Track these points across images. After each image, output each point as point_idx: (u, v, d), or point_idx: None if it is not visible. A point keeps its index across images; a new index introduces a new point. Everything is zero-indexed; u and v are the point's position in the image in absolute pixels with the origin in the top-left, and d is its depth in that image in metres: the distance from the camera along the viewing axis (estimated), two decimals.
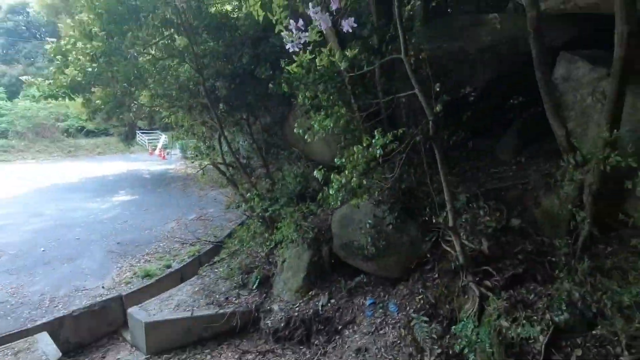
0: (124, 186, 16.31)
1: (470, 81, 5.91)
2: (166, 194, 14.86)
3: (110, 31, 6.84)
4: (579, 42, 5.70)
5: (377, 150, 3.69)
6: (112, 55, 6.88)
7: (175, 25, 7.73)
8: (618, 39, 3.18)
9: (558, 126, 3.88)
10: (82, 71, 6.86)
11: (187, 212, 12.02)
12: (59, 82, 7.24)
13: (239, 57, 8.59)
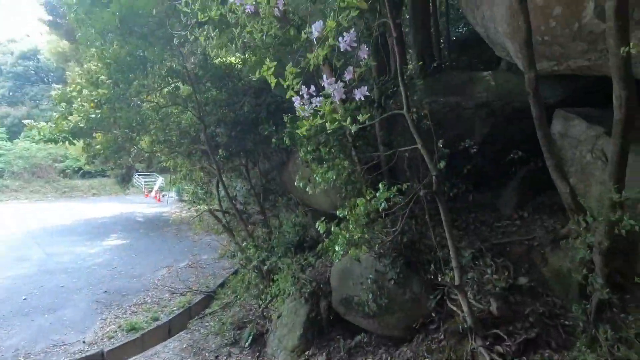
0: (116, 229, 15.94)
1: (469, 135, 6.00)
2: (159, 238, 14.49)
3: (116, 79, 7.02)
4: (572, 100, 5.89)
5: (381, 204, 3.60)
6: (117, 102, 7.01)
7: (181, 74, 7.98)
8: (617, 102, 3.24)
9: (562, 184, 3.85)
10: (85, 117, 6.93)
11: (179, 258, 11.64)
12: (61, 127, 7.29)
13: (240, 105, 8.80)
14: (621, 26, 2.99)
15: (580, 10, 4.05)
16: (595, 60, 4.52)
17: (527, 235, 4.87)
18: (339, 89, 1.93)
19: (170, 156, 8.83)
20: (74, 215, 18.68)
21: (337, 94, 1.96)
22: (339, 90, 1.95)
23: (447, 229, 3.91)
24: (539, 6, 4.40)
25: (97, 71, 7.07)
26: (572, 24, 4.18)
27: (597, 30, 4.04)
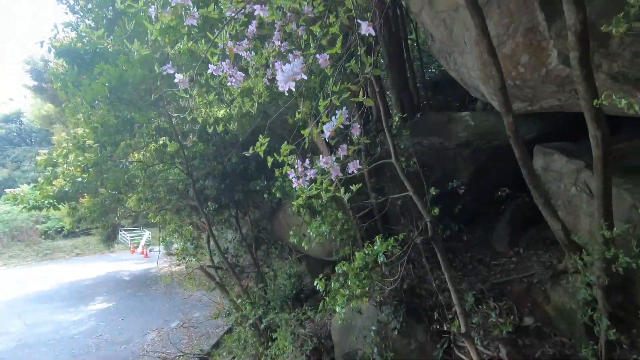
0: (101, 291, 15.20)
1: (455, 175, 6.15)
2: (147, 297, 13.84)
3: (103, 142, 7.03)
4: (549, 135, 6.17)
5: (380, 257, 3.56)
6: (103, 164, 6.97)
7: (168, 132, 8.06)
8: (593, 141, 3.40)
9: (554, 222, 3.92)
10: (71, 181, 6.83)
11: (169, 318, 11.07)
12: (46, 192, 7.15)
13: (228, 158, 8.87)
14: (587, 74, 3.21)
15: (545, 57, 4.36)
16: (565, 100, 4.80)
17: (526, 272, 4.86)
18: (335, 168, 1.98)
19: (159, 213, 8.67)
20: (57, 279, 17.82)
21: (334, 172, 2.00)
22: (335, 169, 1.99)
23: (447, 274, 3.87)
24: (507, 55, 4.73)
25: (84, 135, 7.08)
26: (540, 69, 4.48)
27: (563, 75, 4.33)
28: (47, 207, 7.08)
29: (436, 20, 6.26)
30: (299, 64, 1.55)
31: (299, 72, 1.54)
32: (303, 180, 1.87)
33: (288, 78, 1.55)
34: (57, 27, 6.75)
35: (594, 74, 3.86)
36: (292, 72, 1.52)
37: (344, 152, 1.95)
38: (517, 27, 4.59)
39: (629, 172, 4.50)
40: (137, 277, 17.86)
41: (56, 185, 7.10)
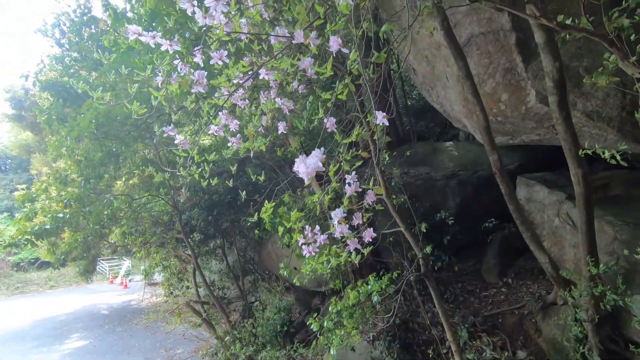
0: (77, 327, 14.40)
1: (443, 205, 6.26)
2: (127, 333, 13.18)
3: (87, 176, 6.88)
4: (530, 165, 6.41)
5: (374, 297, 3.55)
6: (86, 198, 6.79)
7: (155, 162, 7.97)
8: (575, 179, 3.56)
9: (541, 255, 4.01)
10: (52, 217, 6.60)
11: (151, 356, 10.53)
12: (23, 229, 6.86)
13: (216, 188, 8.79)
14: (565, 115, 3.39)
15: (524, 96, 4.59)
16: (544, 135, 5.03)
17: (516, 304, 4.90)
18: (353, 240, 2.00)
19: (143, 247, 8.43)
20: (29, 315, 16.82)
21: (352, 243, 2.03)
22: (353, 241, 2.01)
23: (440, 310, 3.88)
24: (488, 93, 4.95)
25: (66, 169, 6.91)
26: (519, 107, 4.70)
27: (542, 112, 4.56)
28: (25, 245, 6.78)
29: (418, 56, 6.54)
30: (318, 155, 1.59)
31: (319, 165, 1.59)
32: (313, 247, 1.87)
33: (311, 171, 1.59)
34: (44, 62, 6.70)
35: (571, 113, 4.09)
36: (314, 165, 1.59)
37: (359, 221, 1.98)
38: (496, 67, 4.84)
39: (611, 203, 4.70)
40: (116, 310, 17.06)
41: (35, 221, 6.83)
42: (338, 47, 1.50)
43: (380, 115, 1.77)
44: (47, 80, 6.90)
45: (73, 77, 6.88)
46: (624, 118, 4.08)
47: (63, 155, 6.99)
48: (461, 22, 5.12)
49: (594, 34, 2.30)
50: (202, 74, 1.79)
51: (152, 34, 1.57)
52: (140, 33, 1.55)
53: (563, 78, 3.38)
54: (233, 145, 2.49)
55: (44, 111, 6.30)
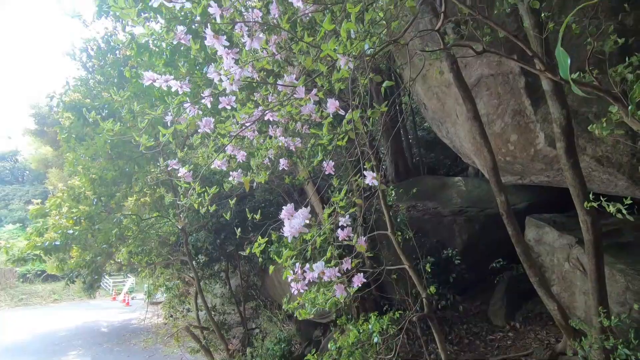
0: (75, 344, 14.22)
1: (450, 241, 6.18)
2: (125, 354, 12.95)
3: (100, 194, 7.03)
4: (539, 205, 6.32)
5: (375, 337, 3.47)
6: (97, 216, 6.91)
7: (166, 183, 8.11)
8: (584, 226, 3.51)
9: (549, 301, 3.90)
10: (62, 234, 6.71)
11: None
12: (33, 244, 6.98)
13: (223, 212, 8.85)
14: (573, 162, 3.39)
15: (533, 138, 4.61)
16: (553, 177, 5.00)
17: (524, 351, 4.72)
18: (339, 286, 2.01)
19: (148, 267, 8.45)
20: (30, 328, 16.74)
21: (339, 289, 2.03)
22: (339, 286, 2.02)
23: (443, 355, 3.75)
24: (497, 133, 4.99)
25: (80, 186, 7.09)
26: (528, 149, 4.71)
27: (551, 155, 4.55)
28: (33, 260, 6.87)
29: (429, 93, 6.66)
30: (304, 215, 1.65)
31: (302, 228, 1.66)
32: (302, 284, 1.88)
33: (295, 231, 1.67)
34: (69, 84, 7.02)
35: (579, 157, 4.07)
36: (298, 226, 1.69)
37: (348, 266, 1.98)
38: (505, 109, 4.90)
39: (622, 250, 4.58)
40: (116, 328, 16.87)
41: (46, 237, 6.95)
42: (335, 109, 1.58)
43: (370, 175, 1.83)
44: (70, 100, 7.21)
45: (95, 99, 7.19)
46: (634, 165, 4.05)
47: (78, 172, 7.19)
48: (471, 63, 5.24)
49: (599, 90, 2.34)
50: (209, 121, 1.88)
51: (165, 78, 1.68)
52: (154, 79, 1.66)
53: (570, 125, 3.40)
54: (234, 179, 2.55)
55: (64, 129, 6.55)
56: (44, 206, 7.31)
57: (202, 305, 8.49)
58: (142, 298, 21.78)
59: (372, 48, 1.64)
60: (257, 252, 2.20)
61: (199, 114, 1.94)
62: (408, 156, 10.79)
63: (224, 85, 1.59)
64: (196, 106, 1.91)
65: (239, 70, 1.52)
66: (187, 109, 1.91)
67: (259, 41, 1.51)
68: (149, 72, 1.65)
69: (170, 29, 1.70)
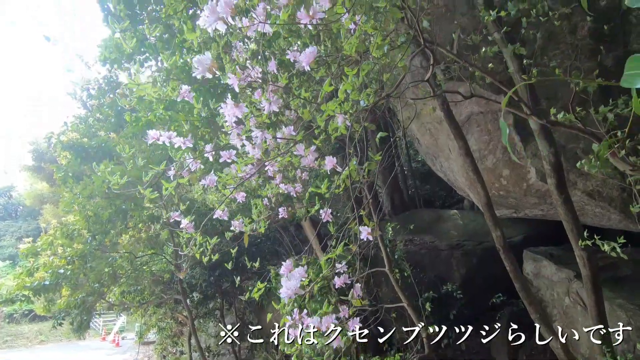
0: None
1: (448, 276, 6.12)
2: None
3: (94, 232, 6.95)
4: (536, 237, 6.33)
5: None
6: (90, 255, 6.80)
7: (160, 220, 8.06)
8: (580, 261, 3.51)
9: (553, 338, 3.82)
10: (53, 273, 6.56)
11: None
12: (22, 284, 6.80)
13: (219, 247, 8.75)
14: (565, 198, 3.45)
15: (525, 173, 4.71)
16: (547, 210, 5.06)
17: None
18: (337, 338, 2.01)
19: (141, 306, 8.21)
20: None
21: (337, 341, 2.02)
22: (337, 339, 2.02)
23: None
24: (489, 168, 5.10)
25: (75, 223, 7.02)
26: (521, 183, 4.80)
27: (543, 189, 4.63)
28: (21, 301, 6.67)
29: (422, 128, 6.85)
30: (300, 274, 1.69)
31: (298, 289, 1.71)
32: (300, 330, 1.87)
33: (291, 292, 1.71)
34: (67, 124, 7.15)
35: (571, 191, 4.15)
36: (294, 287, 1.74)
37: (345, 313, 1.98)
38: (496, 144, 5.04)
39: (620, 284, 4.56)
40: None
41: (36, 276, 6.79)
42: (332, 166, 1.65)
43: (365, 231, 1.88)
44: (68, 140, 7.30)
45: (93, 138, 7.29)
46: (625, 199, 4.13)
47: (74, 210, 7.15)
48: (461, 101, 5.43)
49: (582, 131, 2.44)
50: (213, 179, 1.95)
51: (168, 134, 1.75)
52: (158, 137, 1.73)
53: (559, 162, 3.50)
54: (236, 229, 2.57)
55: (61, 169, 6.59)
56: (36, 244, 7.19)
57: (195, 347, 8.18)
58: (132, 338, 20.91)
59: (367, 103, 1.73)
60: (256, 296, 2.19)
61: (201, 168, 2.00)
62: (403, 189, 10.86)
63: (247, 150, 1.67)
64: (198, 161, 1.97)
65: (260, 133, 1.60)
66: (190, 164, 1.97)
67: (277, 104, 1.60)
68: (153, 131, 1.72)
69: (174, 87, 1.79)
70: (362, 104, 1.70)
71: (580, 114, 2.68)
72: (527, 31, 3.19)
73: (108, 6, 4.98)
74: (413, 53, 2.28)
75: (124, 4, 3.71)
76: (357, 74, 1.57)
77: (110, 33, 5.43)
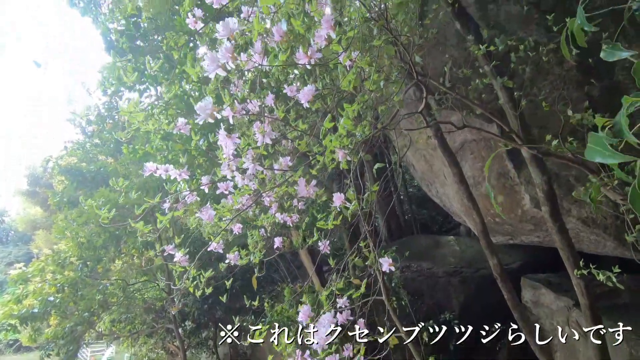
0: None
1: (446, 304, 6.03)
2: None
3: (86, 258, 6.84)
4: (533, 264, 6.29)
5: None
6: (81, 283, 6.65)
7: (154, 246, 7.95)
8: (578, 290, 3.49)
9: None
10: (42, 301, 6.38)
11: None
12: (9, 312, 6.59)
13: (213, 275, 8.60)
14: (560, 226, 3.47)
15: (519, 199, 4.75)
16: (544, 237, 5.06)
17: None
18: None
19: (131, 336, 7.95)
20: None
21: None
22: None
23: None
24: (484, 194, 5.14)
25: (67, 250, 6.91)
26: (516, 210, 4.83)
27: (538, 216, 4.66)
28: (7, 330, 6.45)
29: (417, 155, 6.94)
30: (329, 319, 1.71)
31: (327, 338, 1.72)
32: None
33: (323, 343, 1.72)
34: (67, 148, 7.18)
35: (566, 219, 4.18)
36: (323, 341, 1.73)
37: (349, 352, 1.96)
38: (490, 171, 5.10)
39: (620, 313, 4.50)
40: None
41: (24, 304, 6.60)
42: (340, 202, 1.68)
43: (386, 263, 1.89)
44: (66, 164, 7.31)
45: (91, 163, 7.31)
46: (619, 227, 4.15)
47: (66, 237, 7.05)
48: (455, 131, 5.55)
49: (574, 162, 2.50)
50: (211, 215, 1.97)
51: (164, 167, 1.78)
52: (154, 170, 1.76)
53: (552, 190, 3.54)
54: (231, 262, 2.56)
55: (56, 194, 6.56)
56: (26, 271, 7.04)
57: None
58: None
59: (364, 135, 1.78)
60: (258, 339, 2.15)
61: (197, 201, 2.01)
62: (400, 214, 10.86)
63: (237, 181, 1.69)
64: (194, 193, 1.99)
65: (252, 166, 1.63)
66: (186, 198, 1.99)
67: (271, 136, 1.64)
68: (150, 163, 1.75)
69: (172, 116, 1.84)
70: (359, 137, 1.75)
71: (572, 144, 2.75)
72: (516, 64, 3.31)
73: (110, 37, 5.13)
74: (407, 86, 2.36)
75: (126, 37, 3.85)
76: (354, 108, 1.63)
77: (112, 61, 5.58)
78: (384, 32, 1.86)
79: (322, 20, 1.35)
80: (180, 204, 2.02)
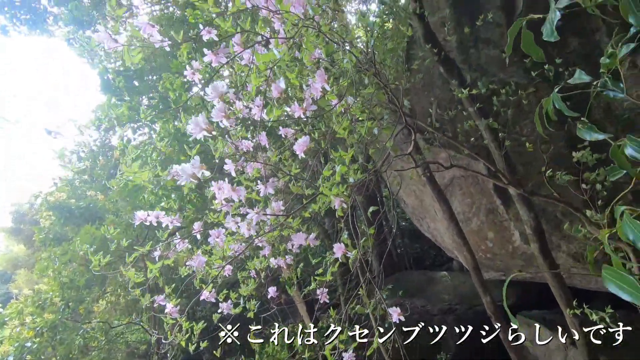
0: None
1: (442, 346, 5.87)
2: None
3: (68, 299, 6.57)
4: (527, 301, 6.24)
5: None
6: (61, 326, 6.34)
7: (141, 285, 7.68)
8: (571, 325, 3.47)
9: None
10: (18, 348, 6.03)
11: None
12: None
13: (203, 315, 8.30)
14: (550, 263, 3.50)
15: (509, 235, 4.80)
16: (535, 273, 5.06)
17: None
18: None
19: None
20: None
21: None
22: None
23: None
24: (474, 230, 5.18)
25: (48, 291, 6.63)
26: (506, 246, 4.86)
27: (528, 252, 4.69)
28: None
29: (407, 190, 7.03)
30: None
31: None
32: None
33: None
34: (57, 184, 7.11)
35: (556, 254, 4.22)
36: None
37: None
38: (479, 207, 5.17)
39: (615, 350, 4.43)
40: None
41: None
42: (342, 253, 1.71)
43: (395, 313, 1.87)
44: (55, 200, 7.21)
45: (80, 199, 7.21)
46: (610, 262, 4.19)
47: (48, 276, 6.80)
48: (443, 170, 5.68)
49: (559, 201, 2.58)
50: (202, 261, 1.96)
51: (155, 214, 1.79)
52: (145, 218, 1.77)
53: (540, 226, 3.60)
54: (224, 311, 2.52)
55: (43, 230, 6.40)
56: (3, 313, 6.68)
57: None
58: None
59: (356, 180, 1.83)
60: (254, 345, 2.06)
61: (188, 248, 2.01)
62: (392, 249, 10.77)
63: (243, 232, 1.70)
64: (185, 240, 1.99)
65: (255, 216, 1.65)
66: (177, 245, 1.98)
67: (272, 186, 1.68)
68: (140, 212, 1.76)
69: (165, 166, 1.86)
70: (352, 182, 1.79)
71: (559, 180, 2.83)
72: (498, 107, 3.47)
73: (108, 77, 5.26)
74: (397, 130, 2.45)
75: (123, 78, 3.96)
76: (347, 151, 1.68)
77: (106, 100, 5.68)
78: (373, 80, 1.96)
79: (317, 74, 1.43)
80: (172, 252, 2.01)
